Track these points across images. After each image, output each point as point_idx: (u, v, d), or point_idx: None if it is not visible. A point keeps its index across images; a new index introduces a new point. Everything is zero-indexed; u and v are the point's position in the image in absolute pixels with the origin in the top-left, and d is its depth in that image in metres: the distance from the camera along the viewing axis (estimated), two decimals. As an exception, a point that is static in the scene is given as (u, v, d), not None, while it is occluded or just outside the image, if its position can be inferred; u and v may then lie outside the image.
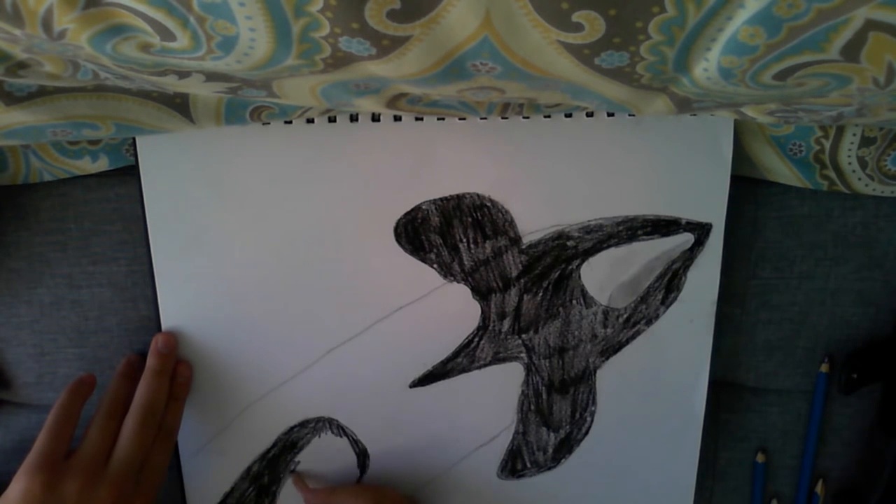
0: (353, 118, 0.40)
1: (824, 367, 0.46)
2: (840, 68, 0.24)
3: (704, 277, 0.43)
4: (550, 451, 0.46)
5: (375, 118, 0.40)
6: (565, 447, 0.46)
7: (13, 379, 0.45)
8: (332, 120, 0.40)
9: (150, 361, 0.41)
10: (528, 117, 0.40)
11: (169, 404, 0.41)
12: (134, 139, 0.39)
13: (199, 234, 0.41)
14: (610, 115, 0.40)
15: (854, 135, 0.40)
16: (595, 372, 0.44)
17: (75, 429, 0.38)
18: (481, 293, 0.43)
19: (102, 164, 0.41)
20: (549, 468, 0.46)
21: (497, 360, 0.44)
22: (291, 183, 0.40)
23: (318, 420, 0.44)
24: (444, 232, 0.41)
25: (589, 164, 0.41)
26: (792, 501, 0.49)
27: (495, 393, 0.44)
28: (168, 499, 0.43)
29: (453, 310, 0.43)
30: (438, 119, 0.40)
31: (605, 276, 0.43)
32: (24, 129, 0.34)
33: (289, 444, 0.44)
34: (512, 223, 0.42)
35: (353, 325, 0.42)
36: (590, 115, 0.40)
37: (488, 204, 0.41)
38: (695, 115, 0.39)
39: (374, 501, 0.41)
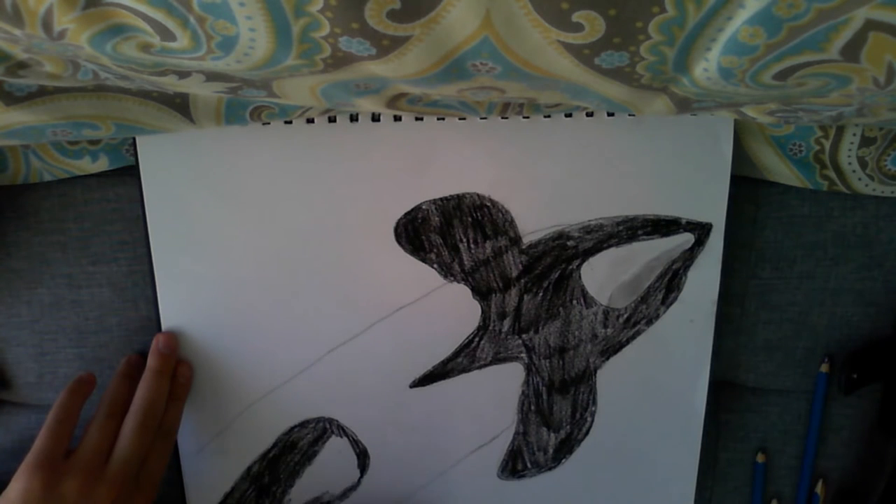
0: (353, 118, 0.40)
1: (824, 367, 0.46)
2: (840, 68, 0.24)
3: (704, 277, 0.43)
4: (551, 451, 0.46)
5: (375, 118, 0.40)
6: (566, 447, 0.46)
7: (13, 379, 0.45)
8: (332, 120, 0.40)
9: (151, 361, 0.41)
10: (528, 117, 0.40)
11: (169, 404, 0.41)
12: (134, 139, 0.39)
13: (199, 234, 0.41)
14: (610, 115, 0.40)
15: (854, 135, 0.40)
16: (595, 372, 0.44)
17: (75, 428, 0.38)
18: (481, 293, 0.43)
19: (102, 164, 0.41)
20: (550, 468, 0.46)
21: (497, 360, 0.44)
22: (291, 183, 0.40)
23: (319, 420, 0.44)
24: (444, 232, 0.41)
25: (589, 164, 0.41)
26: (792, 501, 0.49)
27: (495, 393, 0.44)
28: (168, 499, 0.43)
29: (453, 310, 0.43)
30: (438, 119, 0.40)
31: (606, 276, 0.43)
32: (24, 129, 0.34)
33: (289, 445, 0.44)
34: (512, 223, 0.42)
35: (353, 325, 0.42)
36: (590, 115, 0.40)
37: (488, 204, 0.41)
38: (695, 115, 0.39)
39: None
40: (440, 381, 0.44)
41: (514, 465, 0.46)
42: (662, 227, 0.42)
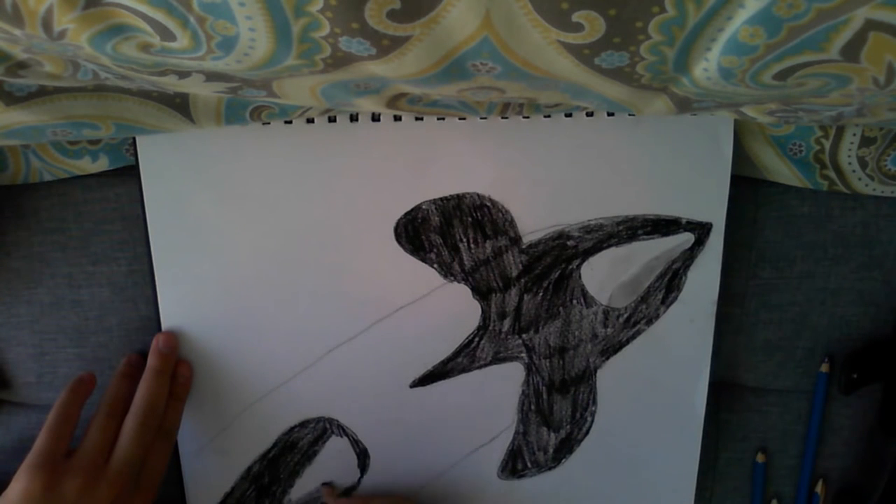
0: (353, 118, 0.40)
1: (824, 367, 0.46)
2: (840, 68, 0.24)
3: (705, 277, 0.43)
4: (551, 451, 0.46)
5: (375, 118, 0.40)
6: (566, 447, 0.46)
7: (13, 379, 0.45)
8: (332, 120, 0.40)
9: (151, 361, 0.41)
10: (528, 117, 0.40)
11: (169, 404, 0.41)
12: (134, 139, 0.39)
13: (199, 234, 0.41)
14: (610, 115, 0.40)
15: (854, 135, 0.40)
16: (595, 372, 0.44)
17: (75, 428, 0.38)
18: (481, 293, 0.43)
19: (102, 164, 0.41)
20: (550, 468, 0.46)
21: (497, 359, 0.44)
22: (291, 183, 0.40)
23: (319, 420, 0.44)
24: (444, 232, 0.41)
25: (589, 164, 0.41)
26: (792, 501, 0.49)
27: (495, 393, 0.44)
28: (168, 499, 0.43)
29: (453, 310, 0.43)
30: (438, 119, 0.40)
31: (606, 276, 0.43)
32: (24, 129, 0.34)
33: (289, 445, 0.44)
34: (512, 223, 0.42)
35: (353, 325, 0.42)
36: (590, 115, 0.40)
37: (488, 204, 0.41)
38: (695, 115, 0.39)
39: None
40: (440, 381, 0.44)
41: (515, 464, 0.46)
42: (662, 226, 0.42)
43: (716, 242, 0.42)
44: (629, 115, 0.40)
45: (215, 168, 0.40)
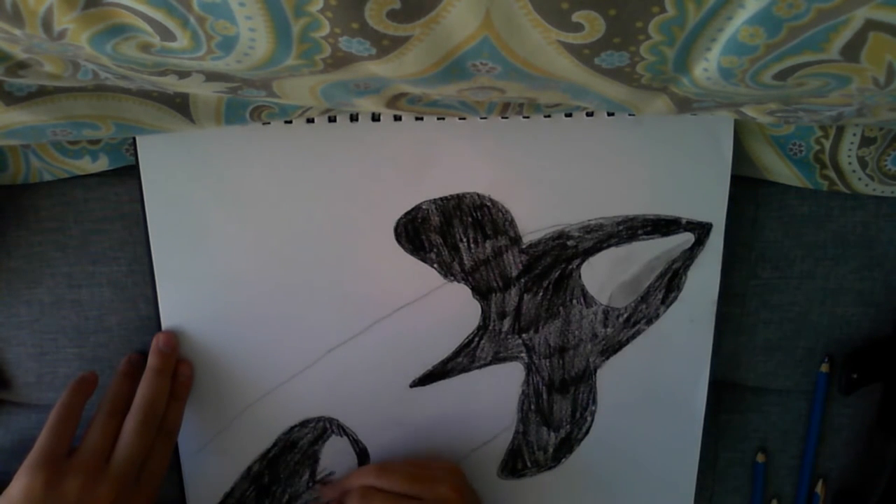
0: (353, 118, 0.40)
1: (824, 367, 0.46)
2: (840, 68, 0.24)
3: (705, 277, 0.43)
4: (551, 450, 0.46)
5: (375, 118, 0.40)
6: (566, 447, 0.46)
7: (13, 379, 0.45)
8: (332, 120, 0.40)
9: (152, 360, 0.41)
10: (528, 117, 0.40)
11: (170, 403, 0.41)
12: (134, 139, 0.39)
13: (200, 234, 0.41)
14: (610, 115, 0.40)
15: (854, 135, 0.40)
16: (595, 371, 0.44)
17: (77, 427, 0.38)
18: (481, 293, 0.43)
19: (102, 164, 0.41)
20: (550, 468, 0.46)
21: (497, 359, 0.44)
22: (291, 183, 0.40)
23: (319, 420, 0.44)
24: (444, 232, 0.41)
25: (589, 163, 0.41)
26: (792, 501, 0.49)
27: (495, 393, 0.44)
28: (168, 499, 0.43)
29: (453, 309, 0.43)
30: (438, 119, 0.40)
31: (606, 276, 0.43)
32: (24, 129, 0.34)
33: (289, 444, 0.44)
34: (512, 223, 0.42)
35: (354, 325, 0.42)
36: (590, 115, 0.40)
37: (488, 204, 0.41)
38: (695, 114, 0.39)
39: (375, 473, 0.40)
40: (440, 381, 0.44)
41: (515, 464, 0.46)
42: (662, 226, 0.42)
43: (716, 242, 0.42)
44: (629, 115, 0.40)
45: (215, 168, 0.40)
